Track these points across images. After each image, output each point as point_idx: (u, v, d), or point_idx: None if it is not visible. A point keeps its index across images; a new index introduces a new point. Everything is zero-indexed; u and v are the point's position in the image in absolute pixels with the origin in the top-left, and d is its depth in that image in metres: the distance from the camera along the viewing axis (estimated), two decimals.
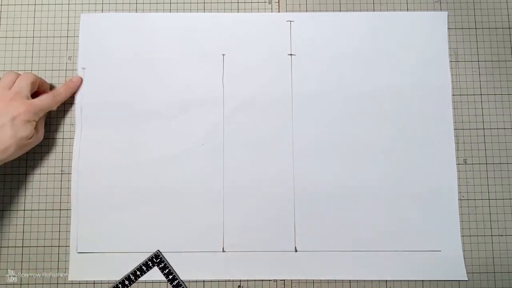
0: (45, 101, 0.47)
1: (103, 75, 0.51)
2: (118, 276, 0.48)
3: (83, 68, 0.51)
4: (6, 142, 0.44)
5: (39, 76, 0.49)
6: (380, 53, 0.52)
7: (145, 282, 0.49)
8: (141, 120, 0.51)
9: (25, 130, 0.45)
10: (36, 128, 0.47)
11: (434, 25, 0.52)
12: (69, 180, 0.50)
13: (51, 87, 0.51)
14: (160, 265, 0.48)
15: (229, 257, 0.49)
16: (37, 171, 0.50)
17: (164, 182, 0.50)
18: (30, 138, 0.46)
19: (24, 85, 0.46)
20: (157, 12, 0.53)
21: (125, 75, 0.51)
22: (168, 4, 0.53)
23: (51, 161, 0.50)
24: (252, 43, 0.52)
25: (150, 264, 0.48)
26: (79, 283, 0.48)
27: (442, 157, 0.50)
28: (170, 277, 0.48)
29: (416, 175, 0.50)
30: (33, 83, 0.47)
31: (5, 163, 0.46)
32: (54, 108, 0.49)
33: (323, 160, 0.50)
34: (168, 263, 0.48)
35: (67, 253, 0.49)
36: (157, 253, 0.48)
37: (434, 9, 0.53)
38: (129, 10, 0.52)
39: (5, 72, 0.51)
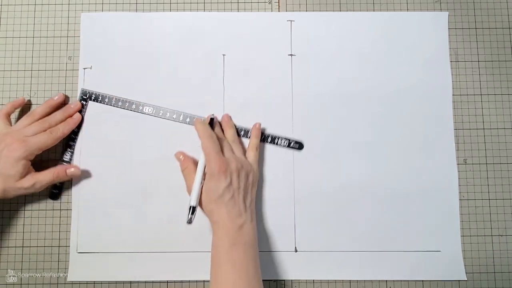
0: (40, 137, 0.46)
1: (104, 74, 0.51)
2: (118, 276, 0.48)
3: (85, 68, 0.51)
4: None
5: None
6: (380, 53, 0.52)
7: (145, 282, 0.49)
8: (141, 120, 0.51)
9: (13, 168, 0.44)
10: (33, 176, 0.46)
11: (434, 25, 0.52)
12: (69, 181, 0.50)
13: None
14: None
15: None
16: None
17: (165, 182, 0.50)
18: (19, 180, 0.44)
19: (33, 127, 0.47)
20: (157, 11, 0.52)
21: (126, 74, 0.51)
22: (168, 3, 0.53)
23: (51, 161, 0.50)
24: (252, 43, 0.52)
25: None
26: (79, 283, 0.48)
27: (442, 157, 0.50)
28: None
29: (416, 175, 0.50)
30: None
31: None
32: (52, 145, 0.47)
33: (323, 160, 0.50)
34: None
35: (67, 253, 0.49)
36: None
37: (434, 9, 0.53)
38: (129, 10, 0.52)
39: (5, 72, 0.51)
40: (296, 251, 0.49)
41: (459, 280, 0.49)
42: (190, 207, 0.44)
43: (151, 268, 0.49)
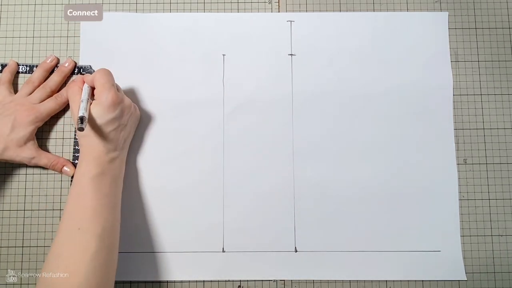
0: (47, 104, 0.48)
1: None
2: (117, 276, 0.48)
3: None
4: None
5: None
6: (381, 54, 0.52)
7: (145, 282, 0.49)
8: (141, 120, 0.51)
9: (22, 131, 0.46)
10: (37, 151, 0.47)
11: (434, 25, 0.52)
12: (69, 180, 0.50)
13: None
14: None
15: (229, 257, 0.49)
16: (37, 171, 0.50)
17: (164, 183, 0.50)
18: (22, 146, 0.46)
19: (37, 94, 0.48)
20: (157, 12, 0.52)
21: (126, 74, 0.51)
22: (168, 4, 0.53)
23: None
24: (252, 43, 0.52)
25: None
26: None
27: (442, 157, 0.50)
28: None
29: (416, 175, 0.50)
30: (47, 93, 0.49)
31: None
32: (59, 110, 0.49)
33: (323, 160, 0.50)
34: None
35: None
36: None
37: (434, 10, 0.53)
38: (129, 10, 0.52)
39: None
40: (296, 251, 0.49)
41: (459, 280, 0.49)
42: (79, 117, 0.41)
43: (151, 268, 0.49)
